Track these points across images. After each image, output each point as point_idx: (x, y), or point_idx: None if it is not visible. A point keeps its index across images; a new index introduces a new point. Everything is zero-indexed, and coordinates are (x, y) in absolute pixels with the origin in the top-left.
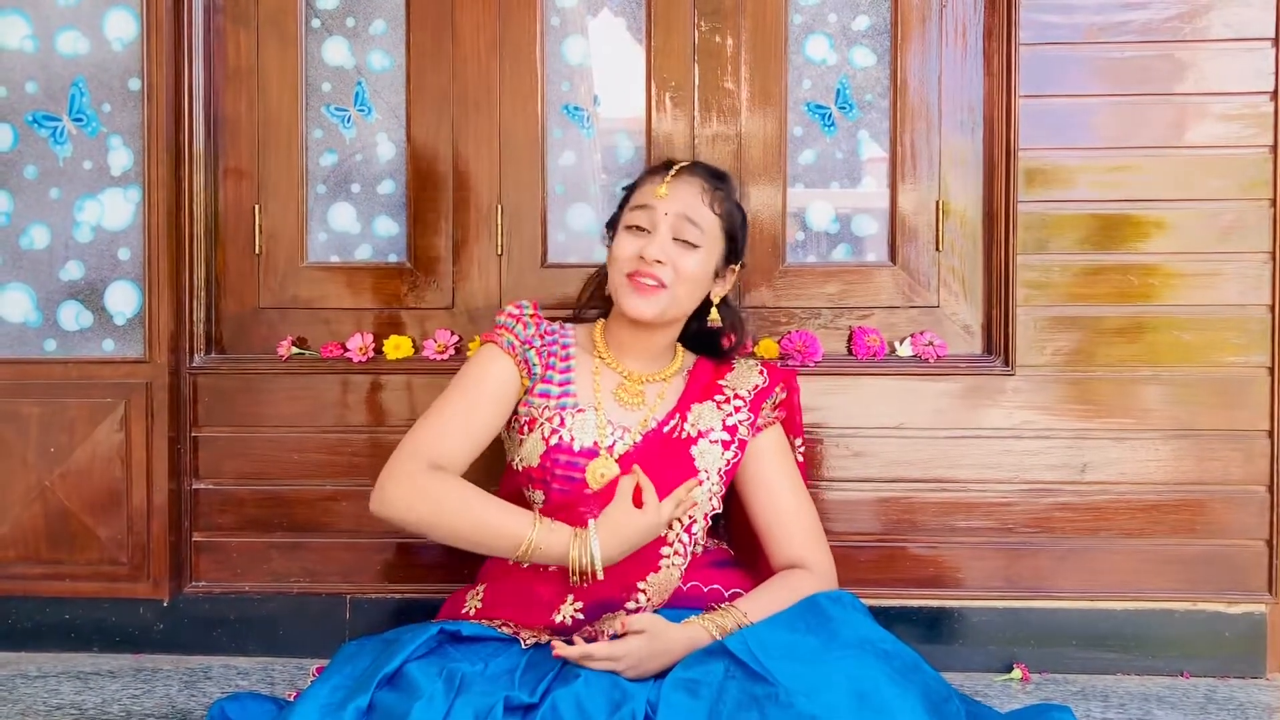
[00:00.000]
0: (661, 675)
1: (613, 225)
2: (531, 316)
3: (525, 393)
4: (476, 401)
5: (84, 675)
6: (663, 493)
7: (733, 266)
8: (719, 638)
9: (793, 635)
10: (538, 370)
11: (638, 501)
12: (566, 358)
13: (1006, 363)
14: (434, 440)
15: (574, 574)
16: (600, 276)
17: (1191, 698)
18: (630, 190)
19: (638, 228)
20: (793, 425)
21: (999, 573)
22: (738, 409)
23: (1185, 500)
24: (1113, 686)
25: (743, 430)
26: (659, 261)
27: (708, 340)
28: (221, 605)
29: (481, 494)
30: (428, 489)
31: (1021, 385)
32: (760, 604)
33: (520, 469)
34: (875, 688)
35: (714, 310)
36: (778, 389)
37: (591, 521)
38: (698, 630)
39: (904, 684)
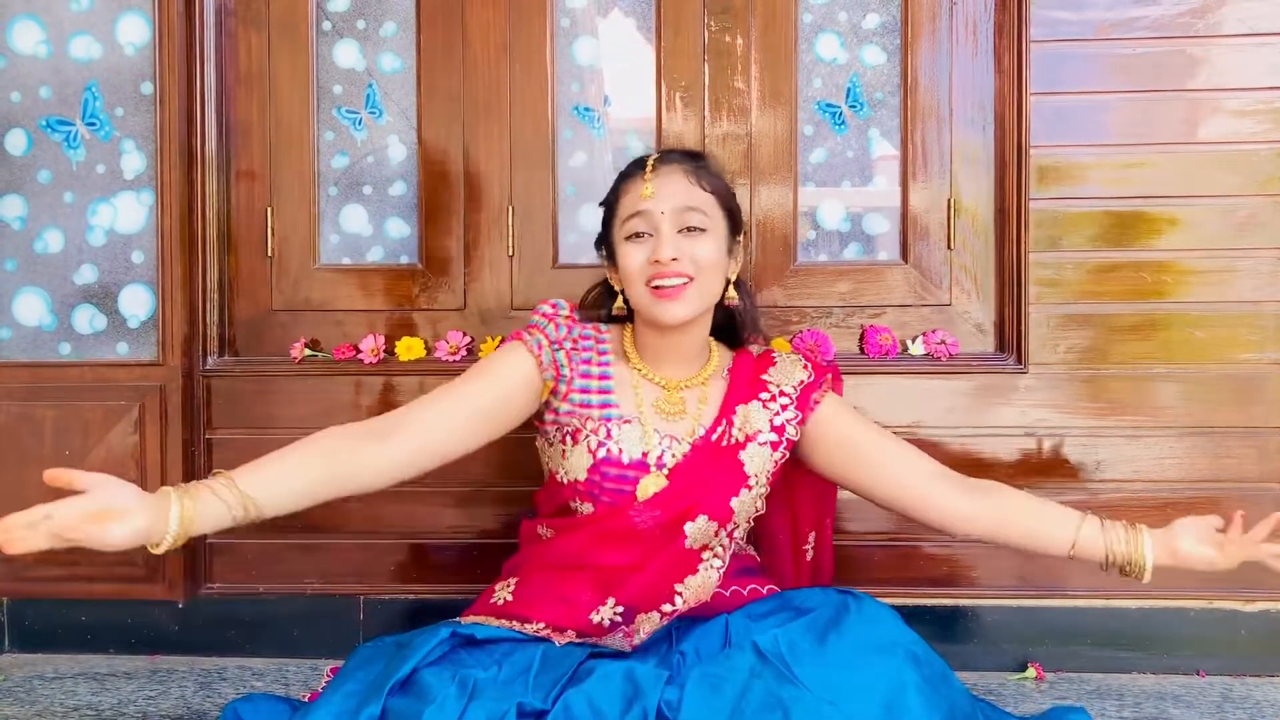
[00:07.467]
0: (674, 669)
1: (603, 244)
2: (565, 318)
3: (552, 394)
4: (475, 381)
5: (100, 676)
6: (714, 500)
7: (738, 239)
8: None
9: (823, 637)
10: (566, 372)
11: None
12: (604, 364)
13: (1019, 361)
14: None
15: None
16: (598, 292)
17: (1207, 696)
18: (611, 203)
19: (637, 235)
20: None
21: (1013, 571)
22: (784, 407)
23: (1200, 497)
24: (1128, 685)
25: (790, 429)
26: (674, 259)
27: (732, 327)
28: (236, 607)
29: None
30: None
31: (1034, 383)
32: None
33: (566, 482)
34: (902, 699)
35: (730, 289)
36: (825, 381)
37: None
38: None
39: (931, 698)
